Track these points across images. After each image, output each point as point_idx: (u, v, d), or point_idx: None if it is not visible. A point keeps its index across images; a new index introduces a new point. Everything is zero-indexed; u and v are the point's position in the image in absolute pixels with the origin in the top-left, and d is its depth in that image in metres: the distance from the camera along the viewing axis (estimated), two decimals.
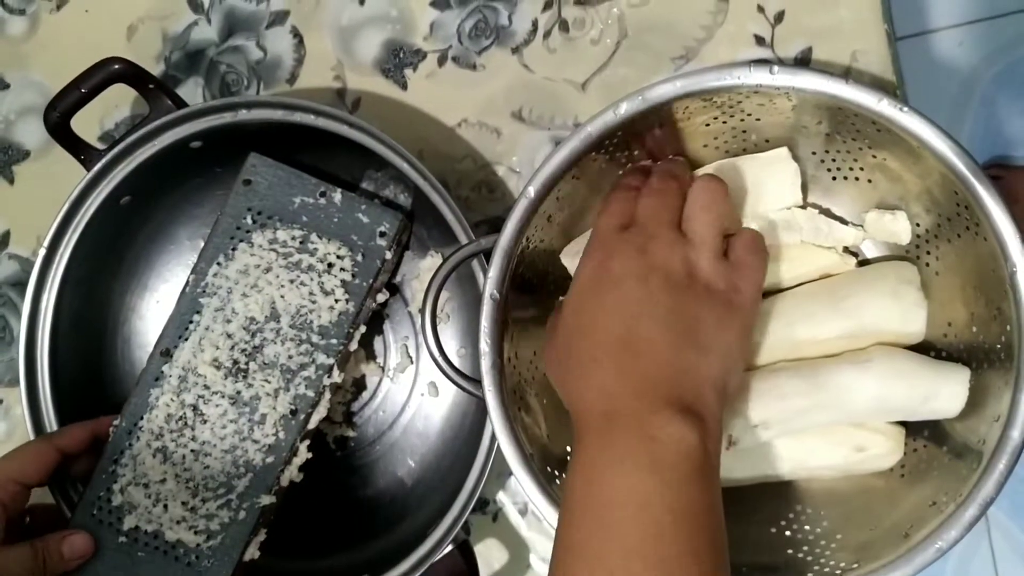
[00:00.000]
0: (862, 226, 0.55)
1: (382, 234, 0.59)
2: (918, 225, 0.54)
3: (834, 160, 0.55)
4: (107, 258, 0.64)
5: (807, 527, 0.55)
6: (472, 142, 0.65)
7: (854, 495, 0.55)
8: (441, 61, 0.66)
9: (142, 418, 0.59)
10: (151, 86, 0.60)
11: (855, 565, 0.49)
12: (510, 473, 0.63)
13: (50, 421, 0.61)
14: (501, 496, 0.65)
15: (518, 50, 0.65)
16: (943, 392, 0.51)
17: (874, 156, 0.53)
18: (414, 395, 0.65)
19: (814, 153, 0.55)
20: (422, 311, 0.53)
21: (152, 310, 0.67)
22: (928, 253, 0.54)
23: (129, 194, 0.62)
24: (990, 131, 1.39)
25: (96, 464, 0.59)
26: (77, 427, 0.59)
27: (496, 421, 0.52)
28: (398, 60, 0.66)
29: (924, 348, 0.54)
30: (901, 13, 1.42)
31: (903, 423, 0.55)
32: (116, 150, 0.60)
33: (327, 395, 0.59)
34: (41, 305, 0.61)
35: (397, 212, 0.60)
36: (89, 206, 0.60)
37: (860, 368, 0.52)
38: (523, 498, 0.64)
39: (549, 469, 0.53)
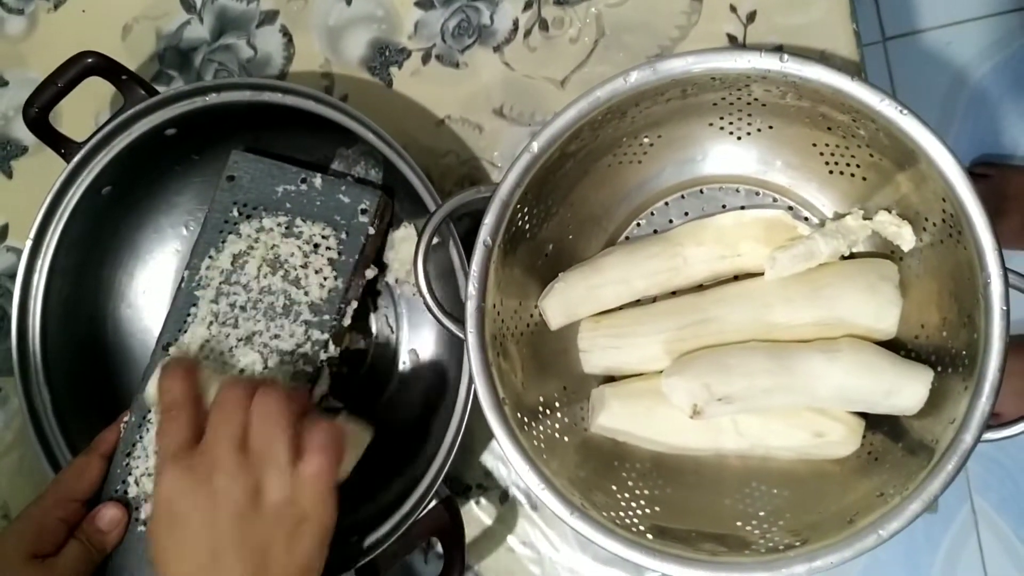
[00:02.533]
0: (869, 219, 0.56)
1: (363, 211, 0.61)
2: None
3: (832, 154, 0.57)
4: (93, 248, 0.66)
5: (759, 503, 0.56)
6: (456, 138, 0.67)
7: (808, 478, 0.57)
8: (425, 59, 0.68)
9: (149, 411, 0.60)
10: (124, 77, 0.62)
11: (797, 543, 0.51)
12: (493, 458, 0.66)
13: (45, 407, 0.63)
14: (483, 482, 0.66)
15: (499, 49, 0.67)
16: (905, 389, 0.53)
17: (871, 155, 0.54)
18: (398, 364, 0.67)
19: (814, 145, 0.57)
20: (416, 248, 0.54)
21: (140, 298, 0.69)
22: (912, 256, 0.55)
23: (110, 184, 0.64)
24: (978, 129, 1.40)
25: (111, 460, 0.60)
26: (108, 432, 0.61)
27: (474, 362, 0.53)
28: (384, 58, 0.68)
29: (895, 346, 0.56)
30: (890, 13, 1.43)
31: (864, 415, 0.57)
32: (93, 141, 0.62)
33: (326, 371, 0.61)
34: (31, 295, 0.63)
35: (376, 190, 0.62)
36: (71, 197, 0.62)
37: (828, 357, 0.54)
38: (504, 483, 0.66)
39: (519, 416, 0.55)
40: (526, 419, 0.55)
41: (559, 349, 0.60)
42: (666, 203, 0.62)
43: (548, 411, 0.58)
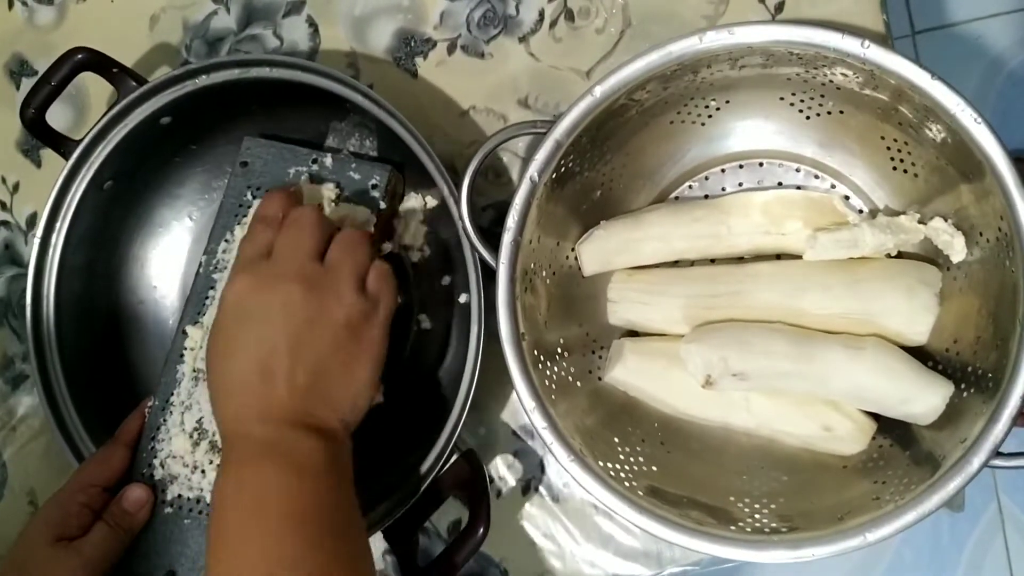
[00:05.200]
0: (924, 223, 0.55)
1: (374, 187, 0.62)
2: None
3: (899, 150, 0.56)
4: (101, 244, 0.67)
5: (756, 482, 0.56)
6: (480, 128, 0.67)
7: (810, 468, 0.56)
8: (451, 49, 0.68)
9: (172, 393, 0.61)
10: (115, 71, 0.63)
11: (783, 529, 0.51)
12: (515, 451, 0.66)
13: (65, 401, 0.64)
14: (505, 474, 0.67)
15: (525, 39, 0.66)
16: (920, 399, 0.52)
17: (937, 158, 0.53)
18: (410, 328, 0.66)
19: (882, 138, 0.56)
20: (460, 180, 0.55)
21: (151, 292, 0.70)
22: (959, 268, 0.54)
23: (111, 179, 0.64)
24: (1008, 124, 1.39)
25: (137, 445, 0.61)
26: (131, 420, 0.62)
27: (501, 295, 0.54)
28: (409, 48, 0.68)
29: (923, 355, 0.55)
30: (920, 7, 1.42)
31: (877, 418, 0.56)
32: (89, 136, 0.62)
33: None
34: (43, 294, 0.64)
35: (386, 164, 0.62)
36: (74, 193, 0.63)
37: (851, 353, 0.54)
38: (527, 475, 0.66)
39: (536, 353, 0.55)
40: (542, 357, 0.56)
41: (588, 295, 0.61)
42: (722, 170, 0.62)
43: (566, 354, 0.58)
